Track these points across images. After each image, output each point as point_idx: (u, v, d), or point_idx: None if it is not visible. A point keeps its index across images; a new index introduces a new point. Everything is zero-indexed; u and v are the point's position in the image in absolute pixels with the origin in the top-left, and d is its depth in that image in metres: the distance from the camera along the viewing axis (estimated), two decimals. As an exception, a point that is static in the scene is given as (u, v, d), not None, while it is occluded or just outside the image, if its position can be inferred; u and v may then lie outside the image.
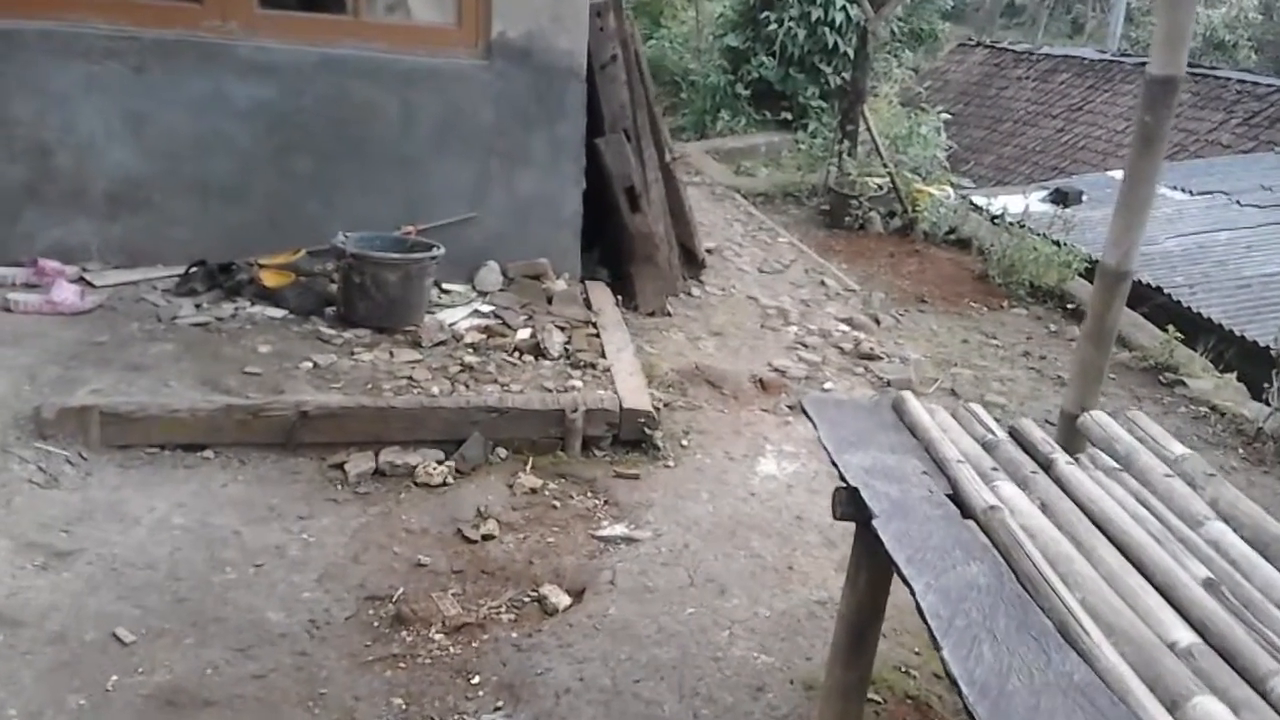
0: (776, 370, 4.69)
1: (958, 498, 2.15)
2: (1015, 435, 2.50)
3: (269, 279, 4.31)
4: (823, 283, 6.19)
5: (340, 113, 4.45)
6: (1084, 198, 8.46)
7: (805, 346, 5.06)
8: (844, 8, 9.92)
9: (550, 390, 3.81)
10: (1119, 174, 8.20)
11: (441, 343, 4.10)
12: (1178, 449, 2.44)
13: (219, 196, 4.45)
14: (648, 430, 3.78)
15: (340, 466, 3.47)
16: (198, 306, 4.21)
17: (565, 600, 2.96)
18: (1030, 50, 18.49)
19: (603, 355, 4.17)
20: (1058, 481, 2.25)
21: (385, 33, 4.49)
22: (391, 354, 3.96)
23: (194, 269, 4.35)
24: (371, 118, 4.48)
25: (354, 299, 4.14)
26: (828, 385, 4.64)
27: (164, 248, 4.44)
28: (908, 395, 2.59)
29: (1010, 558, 1.91)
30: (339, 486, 3.41)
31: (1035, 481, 2.23)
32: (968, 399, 4.72)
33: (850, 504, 2.18)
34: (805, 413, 2.50)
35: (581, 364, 4.07)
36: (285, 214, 4.51)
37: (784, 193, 8.44)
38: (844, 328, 5.41)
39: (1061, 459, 2.32)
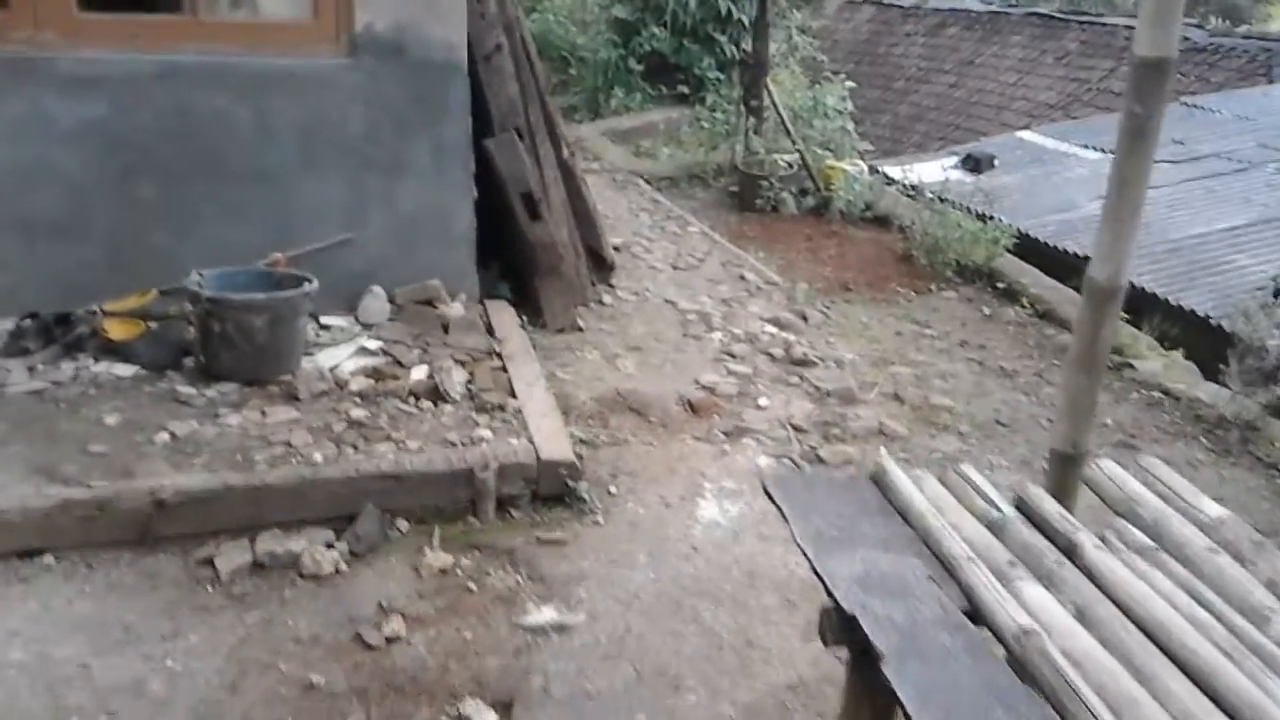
0: (705, 388, 4.24)
1: (978, 614, 1.73)
2: (1023, 509, 2.08)
3: (115, 329, 3.68)
4: (742, 277, 5.76)
5: (186, 127, 3.82)
6: (996, 162, 8.20)
7: (733, 356, 4.62)
8: (736, -27, 9.46)
9: (455, 444, 3.29)
10: (1028, 134, 7.97)
11: (323, 393, 3.54)
12: (1211, 509, 2.06)
13: (49, 235, 3.78)
14: (570, 482, 3.30)
15: (210, 562, 2.91)
16: (30, 369, 3.56)
17: (490, 718, 2.47)
18: (917, 5, 18.33)
19: (512, 393, 3.67)
20: (1089, 574, 1.84)
21: (230, 32, 3.87)
22: (264, 413, 3.39)
23: (24, 323, 3.70)
24: (223, 131, 3.86)
25: (215, 349, 3.54)
26: (762, 401, 4.21)
27: (-12, 297, 3.77)
28: (889, 467, 2.14)
29: (1064, 710, 1.49)
30: (209, 589, 2.85)
31: (1063, 578, 1.82)
32: (912, 403, 4.36)
33: (844, 629, 1.74)
34: (770, 497, 2.05)
35: (488, 406, 3.56)
36: (130, 249, 3.88)
37: (689, 175, 7.98)
38: (771, 329, 4.99)
39: (1088, 542, 1.91)
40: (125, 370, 3.62)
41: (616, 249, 5.86)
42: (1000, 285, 5.81)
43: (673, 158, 8.48)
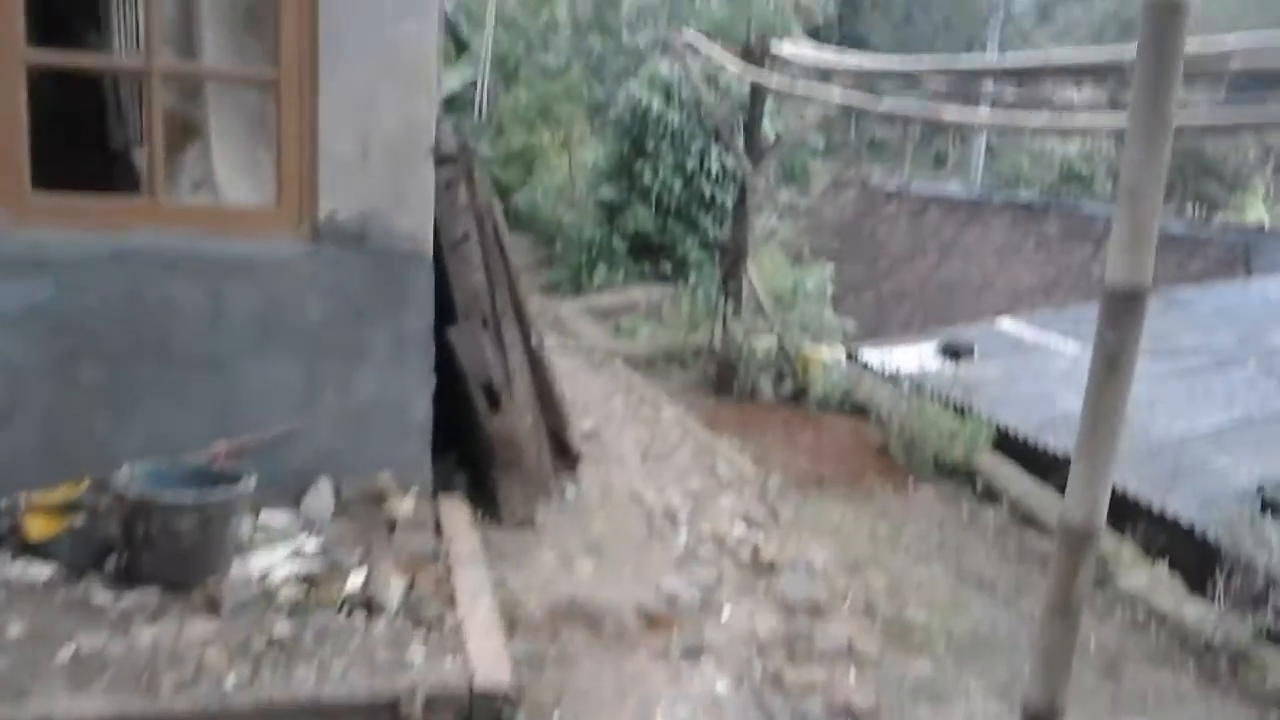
0: (666, 596, 4.00)
1: None
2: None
3: (35, 526, 3.44)
4: (714, 467, 5.58)
5: (136, 311, 3.69)
6: (976, 351, 8.16)
7: (698, 559, 4.39)
8: (720, 158, 9.64)
9: (383, 667, 3.02)
10: (1008, 323, 7.95)
11: (249, 603, 3.28)
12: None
13: (-23, 420, 3.60)
14: (507, 712, 3.02)
15: (96, 802, 2.61)
16: (-62, 565, 3.32)
17: None
18: (900, 189, 18.87)
19: (453, 604, 3.42)
20: None
21: (189, 216, 3.79)
22: (180, 627, 3.12)
23: (-60, 514, 3.47)
24: (175, 316, 3.73)
25: (138, 551, 3.29)
26: (726, 613, 3.97)
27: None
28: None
29: None
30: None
31: None
32: (885, 617, 4.12)
33: None
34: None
35: (425, 621, 3.30)
36: (67, 436, 3.69)
37: (667, 356, 7.92)
38: (740, 528, 4.78)
39: None
40: (41, 571, 3.37)
41: (586, 435, 5.71)
42: (980, 484, 5.64)
43: (652, 338, 8.45)
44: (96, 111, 4.21)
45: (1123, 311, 2.17)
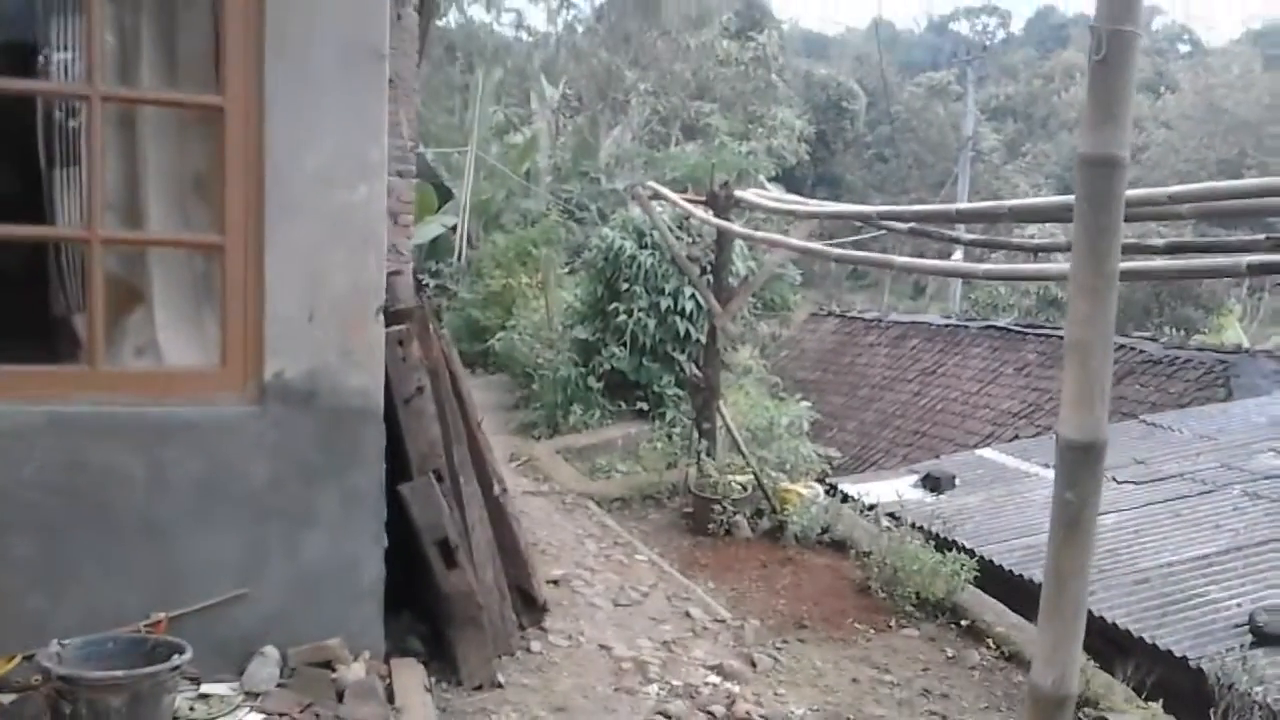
0: (632, 762, 3.80)
1: None
2: None
3: (-44, 707, 3.28)
4: (688, 613, 5.41)
5: (73, 481, 3.59)
6: (957, 481, 8.07)
7: (668, 717, 4.19)
8: (693, 296, 9.73)
9: None
10: (989, 452, 7.88)
11: (183, 786, 3.10)
12: None
13: (-97, 596, 3.46)
14: None
15: None
16: None
17: None
18: (879, 318, 19.06)
19: (402, 780, 3.23)
20: None
21: (129, 382, 3.73)
22: (105, 816, 2.94)
23: None
24: (112, 484, 3.63)
25: (64, 732, 3.13)
26: (696, 778, 3.76)
27: None
28: None
29: None
30: None
31: None
32: (866, 775, 3.90)
33: None
34: None
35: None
36: (-3, 612, 3.54)
37: (642, 495, 7.79)
38: (715, 679, 4.59)
39: None
40: (-36, 756, 3.19)
41: (555, 583, 5.56)
42: (964, 622, 5.46)
43: (627, 477, 8.33)
44: (38, 277, 4.20)
45: (1080, 465, 2.11)
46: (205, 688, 3.58)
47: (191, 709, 3.46)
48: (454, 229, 16.47)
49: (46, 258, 4.29)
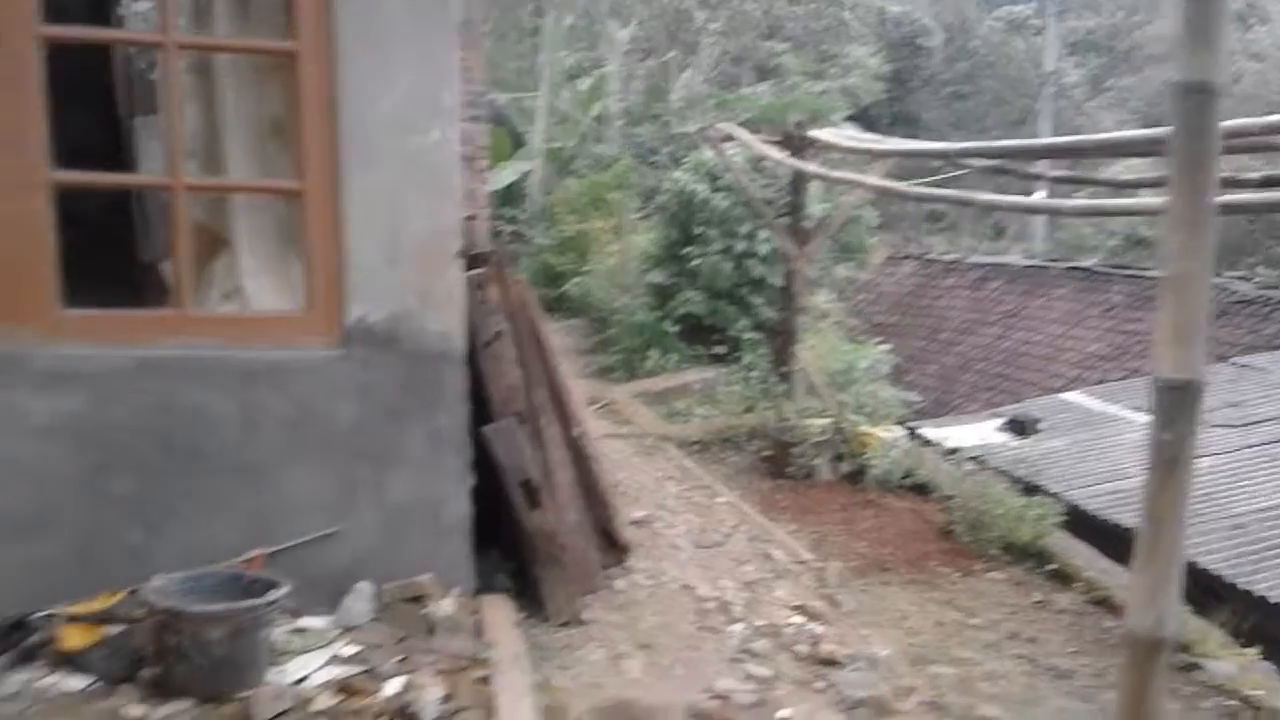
0: (719, 697, 3.81)
1: None
2: None
3: (70, 637, 3.40)
4: (770, 555, 5.39)
5: (167, 422, 3.69)
6: (1042, 425, 7.89)
7: (753, 655, 4.20)
8: (768, 239, 9.60)
9: (416, 783, 2.90)
10: (1074, 396, 7.67)
11: (282, 714, 3.18)
12: None
13: (12, 533, 3.59)
14: (546, 832, 2.86)
15: None
16: (-23, 681, 3.28)
17: None
18: (959, 260, 18.64)
19: (494, 711, 3.28)
20: None
21: (218, 326, 3.80)
22: (210, 741, 3.04)
23: (-22, 629, 3.46)
24: (205, 425, 3.72)
25: (170, 663, 3.23)
26: (782, 714, 3.76)
27: (-57, 602, 3.55)
28: None
29: None
30: None
31: None
32: (955, 714, 3.87)
33: None
34: None
35: (464, 731, 3.17)
36: (100, 549, 3.67)
37: (721, 438, 7.77)
38: (798, 619, 4.57)
39: None
40: (76, 683, 3.31)
41: (638, 523, 5.58)
42: (1051, 566, 5.36)
43: (706, 420, 8.32)
44: (127, 225, 4.27)
45: (1177, 405, 2.03)
46: (301, 622, 3.68)
47: (289, 641, 3.56)
48: (527, 175, 16.46)
49: (131, 206, 4.38)
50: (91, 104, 3.91)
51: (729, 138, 8.50)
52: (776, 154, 7.67)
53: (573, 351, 10.72)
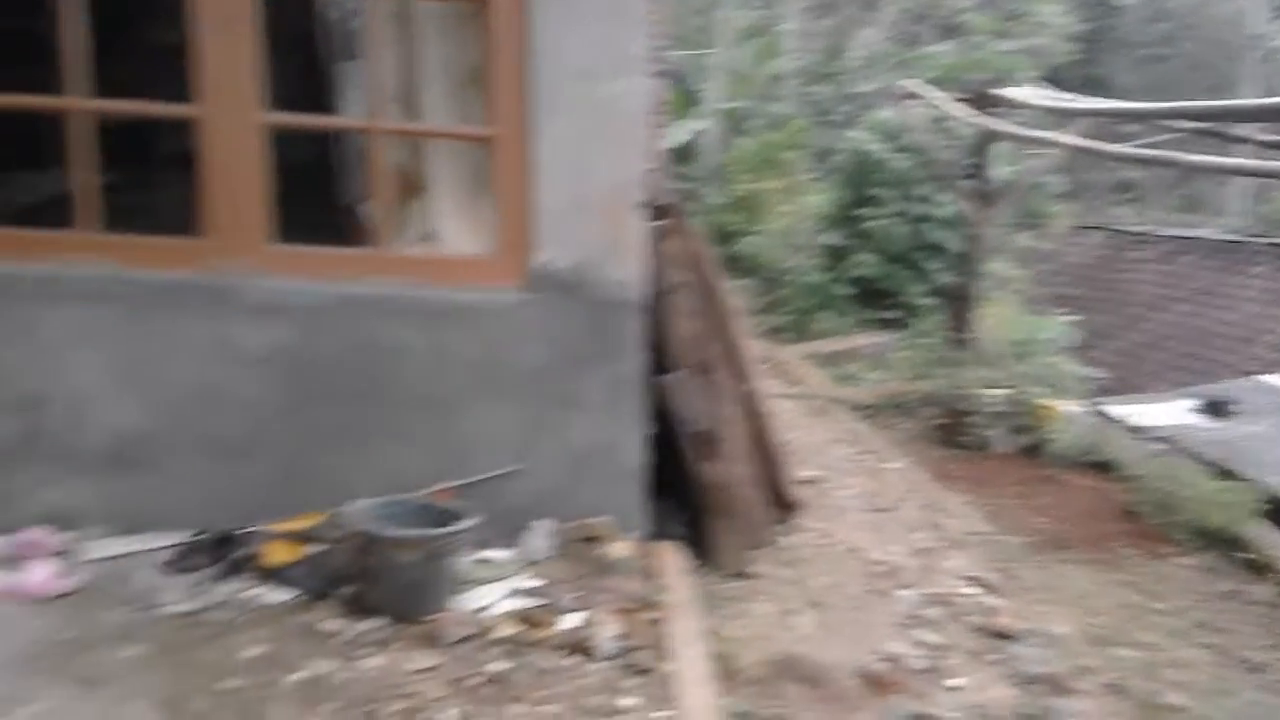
0: (888, 659, 3.78)
1: None
2: None
3: (275, 553, 3.65)
4: (942, 524, 5.28)
5: (364, 356, 3.88)
6: (1238, 408, 7.40)
7: (923, 621, 4.13)
8: (947, 203, 9.30)
9: (594, 712, 2.98)
10: (1274, 379, 7.16)
11: (467, 638, 3.33)
12: None
13: (227, 454, 3.87)
14: (717, 772, 2.91)
15: (318, 829, 2.69)
16: (191, 588, 3.55)
17: None
18: (1148, 233, 17.61)
19: (666, 653, 3.34)
20: None
21: (413, 266, 3.96)
22: (402, 657, 3.20)
23: (193, 541, 3.73)
24: (400, 360, 3.90)
25: (365, 582, 3.43)
26: (954, 682, 3.70)
27: (165, 513, 3.84)
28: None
29: None
30: None
31: None
32: (1138, 699, 3.72)
33: None
34: None
35: (637, 668, 3.24)
36: (303, 472, 3.90)
37: (893, 404, 7.62)
38: (970, 590, 4.47)
39: None
40: (279, 596, 3.55)
41: (807, 482, 5.55)
42: (1246, 555, 5.05)
43: (877, 385, 8.18)
44: (327, 169, 4.49)
45: None
46: (484, 553, 3.82)
47: (474, 570, 3.71)
48: (701, 133, 16.42)
49: (330, 150, 4.59)
50: (295, 51, 4.09)
51: (911, 95, 8.24)
52: (965, 113, 7.39)
53: (743, 311, 10.68)
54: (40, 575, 3.54)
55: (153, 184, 4.13)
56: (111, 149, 3.83)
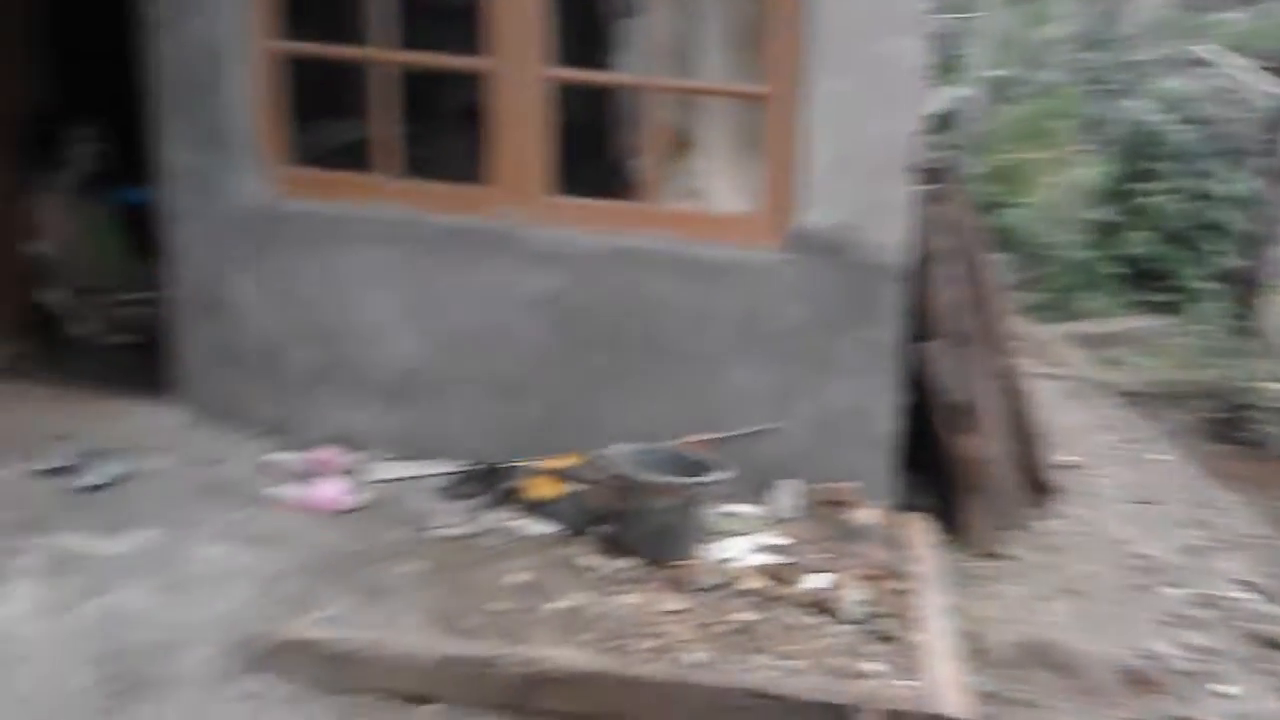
0: (1149, 658, 3.57)
1: None
2: None
3: (539, 488, 3.88)
4: (1214, 523, 4.91)
5: (630, 307, 4.03)
6: None
7: (1190, 621, 3.87)
8: (1235, 180, 8.53)
9: (836, 673, 3.00)
10: None
11: (713, 587, 3.41)
12: None
13: (501, 392, 4.13)
14: (964, 747, 2.85)
15: (575, 745, 2.85)
16: (462, 514, 3.83)
17: None
18: None
19: (912, 623, 3.30)
20: None
21: (680, 221, 4.06)
22: (652, 598, 3.33)
23: (467, 470, 4.02)
24: (662, 313, 4.02)
25: (621, 523, 3.59)
26: (1224, 689, 3.45)
27: (441, 442, 4.17)
28: None
29: None
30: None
31: None
32: None
33: None
34: None
35: (882, 634, 3.22)
36: (568, 414, 4.11)
37: (1160, 393, 7.10)
38: (1246, 595, 4.15)
39: None
40: (540, 529, 3.76)
41: (1066, 467, 5.28)
42: None
43: (1144, 372, 7.64)
44: (598, 122, 4.64)
45: None
46: (732, 508, 3.89)
47: (721, 523, 3.79)
48: (963, 99, 15.77)
49: (602, 104, 4.75)
50: (577, 6, 4.23)
51: (1201, 63, 7.59)
52: (1267, 82, 6.75)
53: (1004, 284, 10.21)
54: (331, 491, 3.90)
55: (436, 135, 4.41)
56: (401, 101, 4.13)
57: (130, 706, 2.84)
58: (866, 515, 3.93)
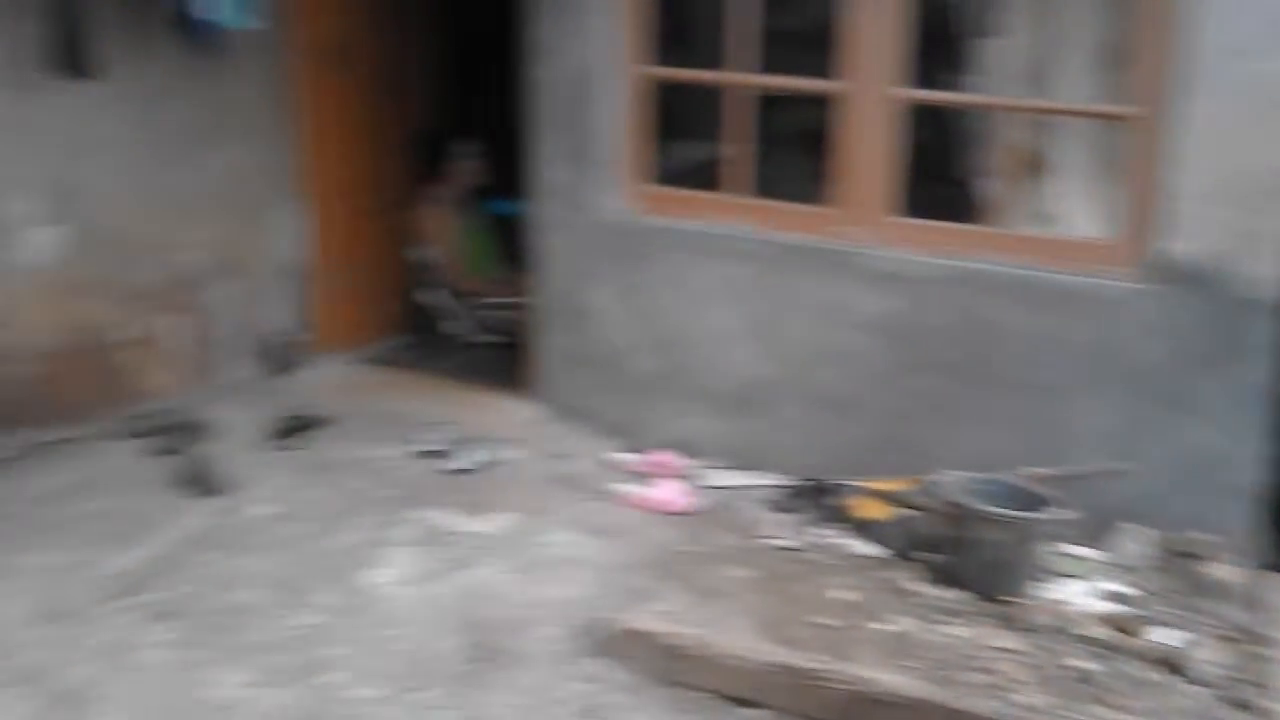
0: None
1: None
2: None
3: (867, 508, 3.92)
4: None
5: (966, 331, 3.98)
6: None
7: None
8: None
9: (1186, 736, 2.84)
10: None
11: (1046, 629, 3.32)
12: None
13: (832, 410, 4.21)
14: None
15: (892, 771, 2.89)
16: (790, 527, 3.96)
17: None
18: None
19: (1272, 692, 3.05)
20: None
21: (1026, 246, 3.94)
22: (983, 632, 3.29)
23: (798, 485, 4.14)
24: (1002, 339, 3.93)
25: (949, 553, 3.56)
26: None
27: (772, 455, 4.32)
28: None
29: None
30: (885, 798, 2.82)
31: None
32: None
33: None
34: None
35: (1237, 700, 3.01)
36: (898, 437, 4.12)
37: None
38: None
39: None
40: (866, 549, 3.81)
41: None
42: None
43: None
44: (942, 141, 4.60)
45: None
46: (1068, 547, 3.75)
47: (1056, 563, 3.66)
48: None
49: (948, 124, 4.69)
50: (929, 26, 4.21)
51: None
52: None
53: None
54: (668, 492, 4.16)
55: (778, 155, 4.56)
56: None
57: (487, 674, 3.18)
58: (1223, 571, 3.65)
